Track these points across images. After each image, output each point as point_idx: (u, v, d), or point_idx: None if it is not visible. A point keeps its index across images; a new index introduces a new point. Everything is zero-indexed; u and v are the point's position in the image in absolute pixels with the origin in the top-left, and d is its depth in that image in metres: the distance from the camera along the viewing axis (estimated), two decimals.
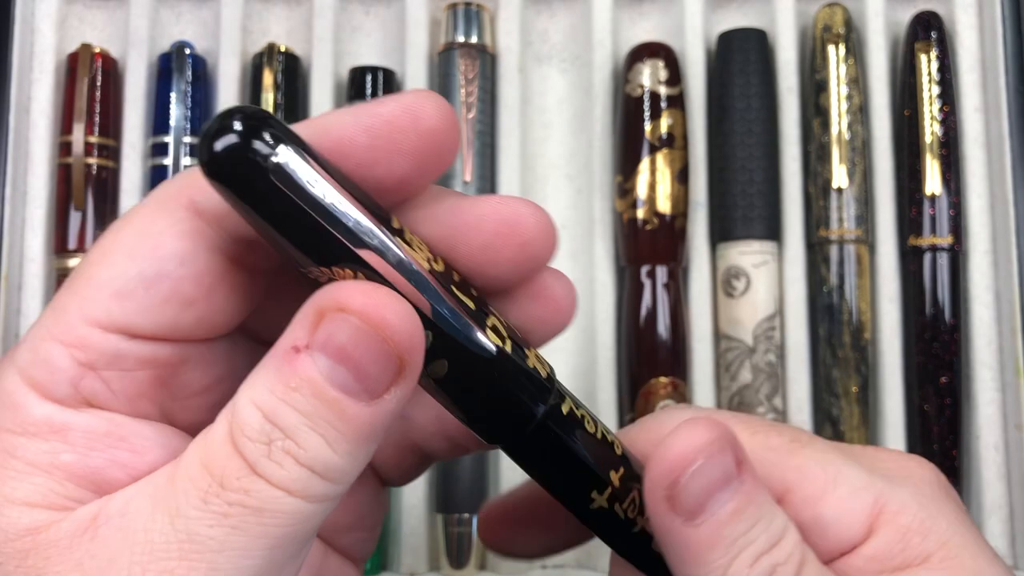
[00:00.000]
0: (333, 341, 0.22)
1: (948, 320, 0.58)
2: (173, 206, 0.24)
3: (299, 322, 0.23)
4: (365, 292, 0.22)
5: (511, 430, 0.25)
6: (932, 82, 0.58)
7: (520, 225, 0.25)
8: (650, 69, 0.58)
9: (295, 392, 0.22)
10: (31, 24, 0.61)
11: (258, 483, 0.22)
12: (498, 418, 0.25)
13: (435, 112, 0.24)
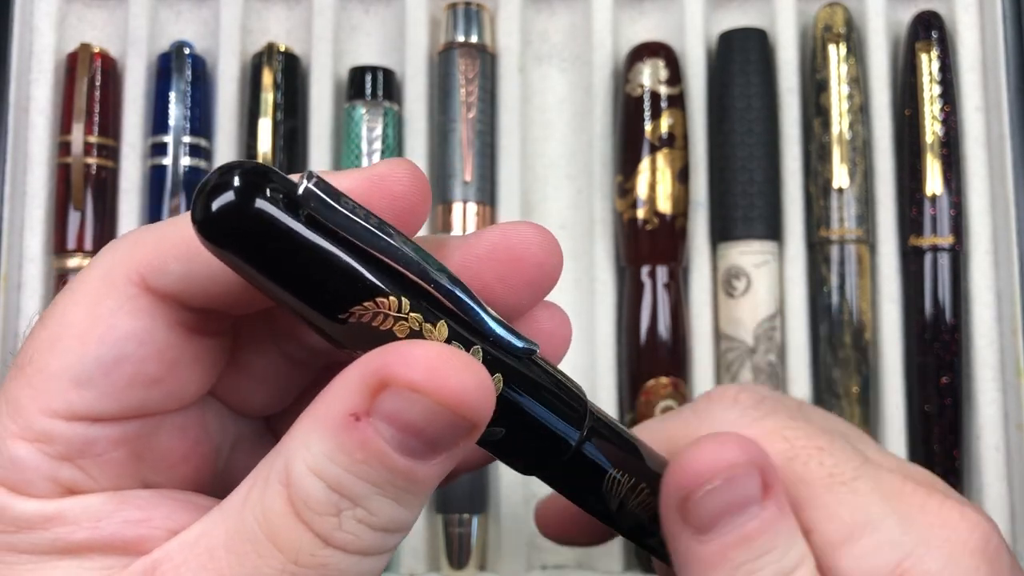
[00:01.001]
0: (400, 416, 0.21)
1: (949, 320, 0.58)
2: (122, 282, 0.23)
3: (354, 387, 0.21)
4: (428, 360, 0.21)
5: (547, 462, 0.25)
6: (933, 82, 0.58)
7: (531, 247, 0.25)
8: (650, 69, 0.58)
9: (362, 464, 0.21)
10: (30, 23, 0.60)
11: (335, 555, 0.22)
12: (536, 455, 0.25)
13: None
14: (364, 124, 0.58)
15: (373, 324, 0.22)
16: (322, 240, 0.21)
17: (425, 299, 0.22)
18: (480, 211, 0.58)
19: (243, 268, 0.21)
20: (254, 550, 0.22)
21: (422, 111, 0.60)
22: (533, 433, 0.24)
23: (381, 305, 0.22)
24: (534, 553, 0.58)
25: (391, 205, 0.24)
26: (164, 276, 0.23)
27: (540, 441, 0.24)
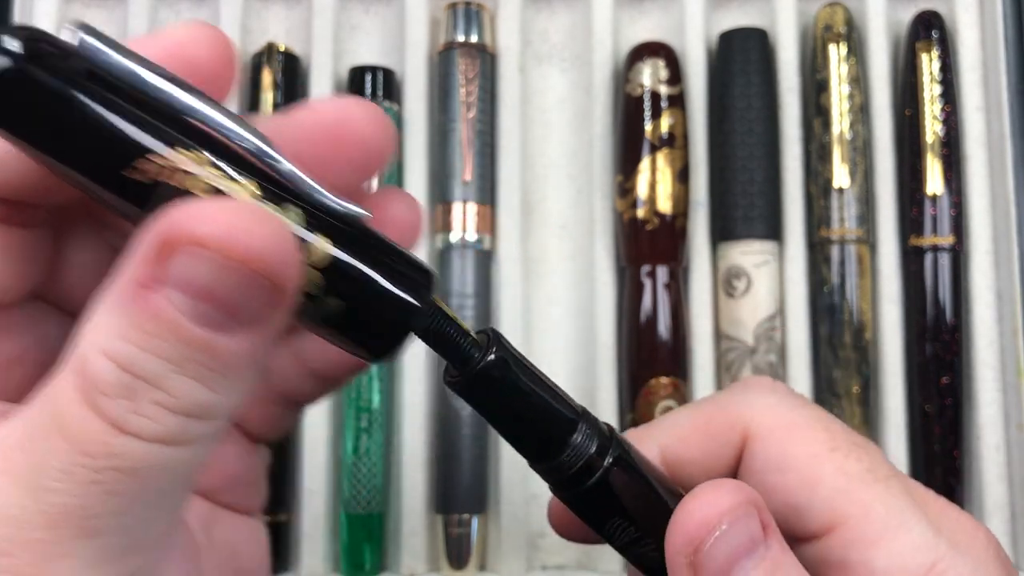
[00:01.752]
0: (191, 280, 0.19)
1: (949, 320, 0.57)
2: None
3: (141, 255, 0.19)
4: (218, 215, 0.19)
5: (574, 483, 0.26)
6: (933, 81, 0.58)
7: (355, 123, 0.24)
8: (650, 68, 0.58)
9: (155, 338, 0.19)
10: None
11: (128, 442, 0.19)
12: (389, 331, 0.23)
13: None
14: None
15: (165, 183, 0.20)
16: (99, 95, 0.19)
17: (228, 157, 0.20)
18: (480, 211, 0.58)
19: (20, 142, 0.19)
20: (44, 444, 0.20)
21: (422, 111, 0.60)
22: (379, 303, 0.22)
23: (170, 159, 0.20)
24: (534, 553, 0.58)
25: (191, 74, 0.22)
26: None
27: (388, 313, 0.22)
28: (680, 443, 0.29)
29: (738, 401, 0.29)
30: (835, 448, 0.28)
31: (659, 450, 0.30)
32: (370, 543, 0.56)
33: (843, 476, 0.27)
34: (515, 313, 0.58)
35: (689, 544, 0.25)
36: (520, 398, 0.25)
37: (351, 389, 0.57)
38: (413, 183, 0.59)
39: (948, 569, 0.26)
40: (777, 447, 0.28)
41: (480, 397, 0.25)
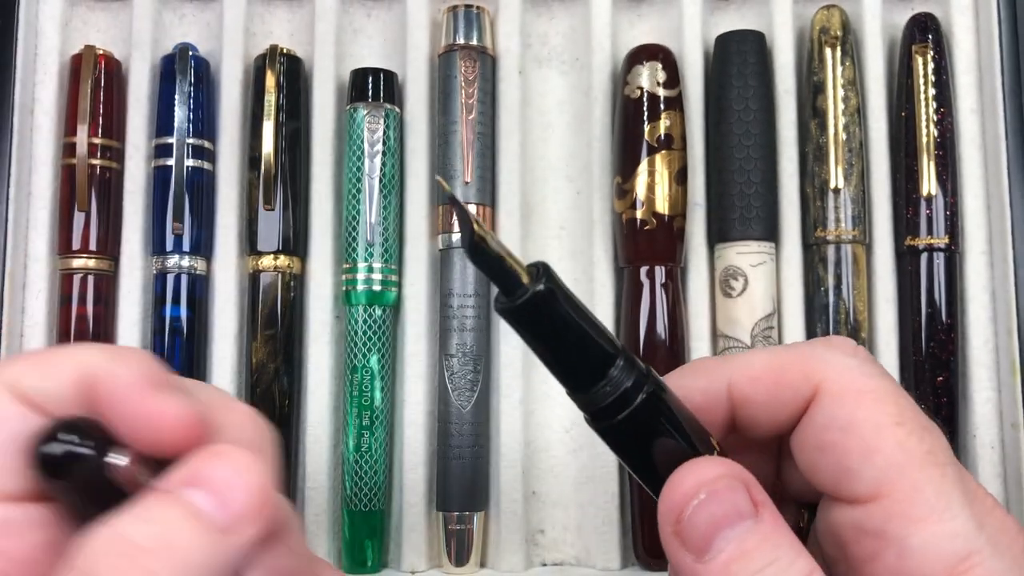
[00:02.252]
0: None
1: (945, 320, 0.58)
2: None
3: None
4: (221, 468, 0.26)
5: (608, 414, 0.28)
6: (928, 84, 0.59)
7: None
8: (648, 71, 0.59)
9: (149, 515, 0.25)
10: (35, 26, 0.61)
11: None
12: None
13: None
14: (365, 126, 0.59)
15: None
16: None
17: None
18: (480, 212, 0.59)
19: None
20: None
21: (423, 113, 0.60)
22: None
23: None
24: (534, 550, 0.59)
25: None
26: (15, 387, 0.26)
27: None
28: (750, 382, 0.30)
29: (817, 356, 0.29)
30: (900, 423, 0.28)
31: (727, 383, 0.30)
32: (372, 540, 0.56)
33: (901, 451, 0.27)
34: None
35: (672, 512, 0.26)
36: (564, 328, 0.27)
37: (353, 387, 0.57)
38: (414, 184, 0.60)
39: (981, 563, 0.26)
40: (845, 409, 0.28)
41: (526, 324, 0.27)
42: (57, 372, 0.27)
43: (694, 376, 0.30)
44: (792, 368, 0.29)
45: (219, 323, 0.58)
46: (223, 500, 0.25)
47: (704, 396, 0.30)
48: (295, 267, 0.59)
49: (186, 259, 0.58)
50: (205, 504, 0.24)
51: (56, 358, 0.27)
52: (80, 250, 0.58)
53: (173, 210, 0.58)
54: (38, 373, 0.27)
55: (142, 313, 0.59)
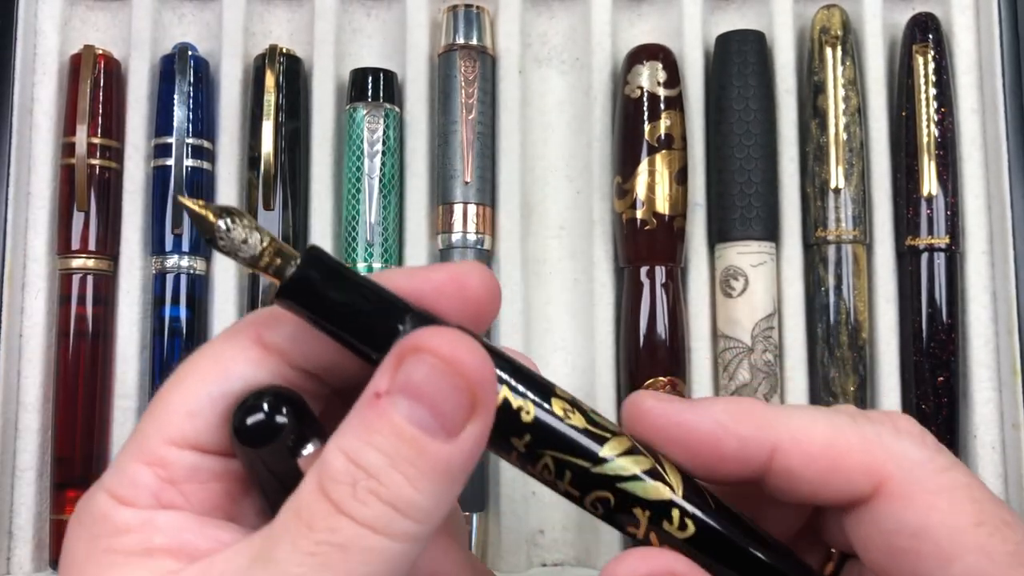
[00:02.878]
0: (410, 380, 0.24)
1: (945, 320, 0.58)
2: (242, 337, 0.27)
3: (380, 370, 0.24)
4: (439, 333, 0.24)
5: None
6: (929, 83, 0.59)
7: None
8: (649, 71, 0.59)
9: (377, 434, 0.24)
10: (34, 26, 0.61)
11: (343, 521, 0.23)
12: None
13: (479, 282, 0.28)
14: (365, 126, 0.59)
15: None
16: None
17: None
18: (480, 212, 0.59)
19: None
20: (280, 525, 0.24)
21: (423, 113, 0.60)
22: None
23: None
24: (534, 550, 0.59)
25: (461, 296, 0.27)
26: (275, 333, 0.27)
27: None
28: (802, 457, 0.27)
29: (883, 445, 0.27)
30: (980, 523, 0.26)
31: (775, 445, 0.27)
32: None
33: (985, 557, 0.25)
34: (515, 313, 0.58)
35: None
36: (336, 307, 0.27)
37: None
38: (414, 184, 0.60)
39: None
40: (917, 513, 0.26)
41: (301, 310, 0.27)
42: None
43: (736, 418, 0.28)
44: (853, 456, 0.27)
45: (219, 323, 0.58)
46: (435, 405, 0.24)
47: (740, 446, 0.27)
48: None
49: (185, 259, 0.58)
50: (421, 416, 0.24)
51: None
52: (79, 250, 0.58)
53: (172, 210, 0.58)
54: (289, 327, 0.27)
55: (141, 313, 0.59)
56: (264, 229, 0.27)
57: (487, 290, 0.28)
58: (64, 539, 0.27)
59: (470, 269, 0.28)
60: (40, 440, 0.57)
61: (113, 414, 0.58)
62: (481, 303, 0.28)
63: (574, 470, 0.27)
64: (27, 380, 0.57)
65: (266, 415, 0.26)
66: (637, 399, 0.29)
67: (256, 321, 0.28)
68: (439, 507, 0.24)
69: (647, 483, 0.27)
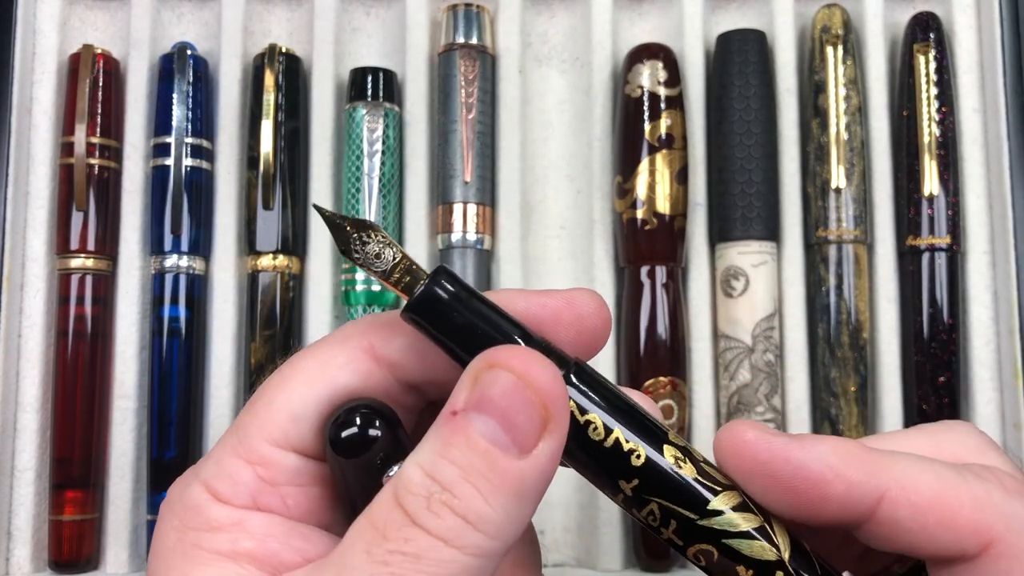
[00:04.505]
0: (484, 396, 0.24)
1: (946, 320, 0.58)
2: (354, 345, 0.28)
3: (458, 388, 0.25)
4: (514, 351, 0.25)
5: None
6: (930, 83, 0.59)
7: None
8: (649, 70, 0.59)
9: (452, 448, 0.24)
10: (33, 25, 0.61)
11: (416, 532, 0.24)
12: None
13: (593, 310, 0.28)
14: (365, 125, 0.59)
15: None
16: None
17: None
18: (480, 212, 0.59)
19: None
20: (355, 535, 0.25)
21: (423, 112, 0.60)
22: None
23: None
24: None
25: (576, 323, 0.28)
26: (389, 345, 0.28)
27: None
28: (910, 509, 0.26)
29: (993, 504, 0.26)
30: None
31: (883, 493, 0.26)
32: None
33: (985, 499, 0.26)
34: None
35: None
36: (461, 326, 0.27)
37: None
38: (414, 184, 0.59)
39: None
40: None
41: (425, 326, 0.27)
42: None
43: (845, 462, 0.27)
44: (963, 513, 0.26)
45: (218, 323, 0.58)
46: (508, 420, 0.24)
47: (847, 491, 0.26)
48: (294, 267, 0.59)
49: (184, 259, 0.58)
50: (495, 431, 0.24)
51: None
52: (78, 250, 0.58)
53: (171, 210, 0.58)
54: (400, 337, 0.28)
55: (140, 313, 0.58)
56: (398, 245, 0.28)
57: (601, 318, 0.28)
58: (157, 520, 0.28)
59: (584, 297, 0.28)
60: (39, 440, 0.57)
61: (112, 414, 0.58)
62: (596, 331, 0.28)
63: (680, 520, 0.27)
64: (26, 380, 0.57)
65: (360, 428, 0.27)
66: (738, 429, 0.27)
67: (369, 331, 0.28)
68: (511, 523, 0.24)
69: (755, 542, 0.27)
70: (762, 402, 0.57)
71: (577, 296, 0.28)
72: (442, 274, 0.27)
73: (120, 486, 0.57)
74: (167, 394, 0.57)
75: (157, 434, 0.57)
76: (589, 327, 0.28)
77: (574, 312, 0.28)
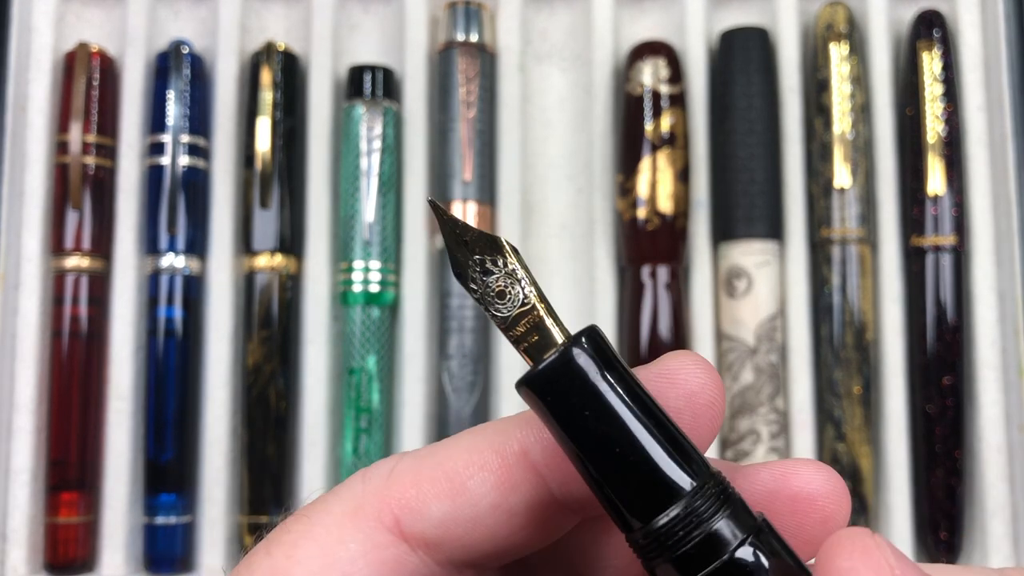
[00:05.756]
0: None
1: (951, 320, 0.57)
2: (371, 522, 0.20)
3: None
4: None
5: None
6: (935, 80, 0.58)
7: (816, 498, 0.21)
8: (651, 68, 0.58)
9: None
10: (28, 23, 0.60)
11: None
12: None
13: (705, 381, 0.22)
14: (363, 123, 0.58)
15: None
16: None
17: None
18: (480, 210, 0.58)
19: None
20: None
21: (422, 110, 0.60)
22: None
23: None
24: None
25: (689, 407, 0.21)
26: (423, 519, 0.20)
27: None
28: None
29: None
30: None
31: None
32: None
33: None
34: None
35: None
36: (607, 411, 0.20)
37: (351, 389, 0.57)
38: (413, 183, 0.59)
39: None
40: None
41: (554, 401, 0.20)
42: None
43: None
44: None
45: (214, 324, 0.58)
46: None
47: None
48: (291, 267, 0.58)
49: (180, 259, 0.58)
50: None
51: None
52: (73, 249, 0.57)
53: (167, 209, 0.57)
54: None
55: (136, 313, 0.58)
56: (536, 286, 0.21)
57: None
58: None
59: (689, 368, 0.22)
60: (34, 442, 0.57)
61: (108, 416, 0.57)
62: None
63: None
64: (21, 381, 0.57)
65: None
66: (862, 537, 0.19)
67: (391, 495, 0.20)
68: None
69: None
70: (765, 403, 0.57)
71: (675, 367, 0.21)
72: (588, 342, 0.20)
73: (116, 488, 0.56)
74: (163, 395, 0.57)
75: (153, 436, 0.57)
76: (703, 405, 0.21)
77: (679, 392, 0.21)
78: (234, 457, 0.58)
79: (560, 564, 0.23)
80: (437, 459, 0.21)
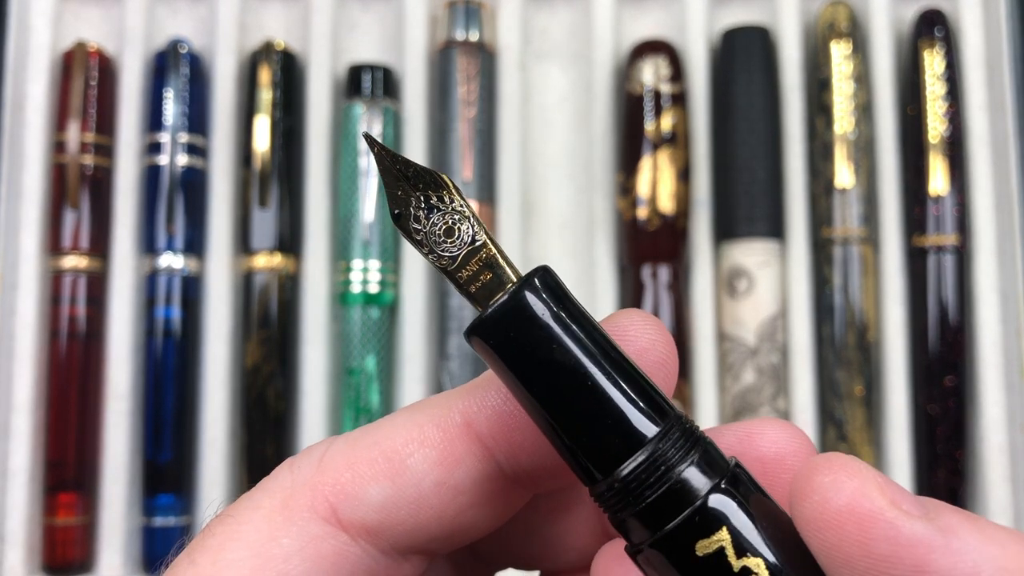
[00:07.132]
0: None
1: (953, 320, 0.57)
2: (304, 514, 0.19)
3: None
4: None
5: None
6: (937, 80, 0.58)
7: (784, 456, 0.20)
8: (652, 66, 0.58)
9: None
10: (26, 21, 0.60)
11: None
12: None
13: (656, 338, 0.20)
14: (363, 122, 0.58)
15: None
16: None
17: None
18: (480, 210, 0.58)
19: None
20: None
21: (421, 109, 0.60)
22: None
23: None
24: None
25: (638, 358, 0.20)
26: (362, 504, 0.19)
27: None
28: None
29: None
30: None
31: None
32: None
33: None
34: None
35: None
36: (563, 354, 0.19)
37: (350, 390, 0.56)
38: None
39: None
40: None
41: (504, 348, 0.19)
42: None
43: None
44: None
45: (212, 324, 0.57)
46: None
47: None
48: (290, 266, 0.58)
49: (179, 258, 0.57)
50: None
51: None
52: (71, 249, 0.57)
53: (166, 208, 0.57)
54: None
55: (134, 314, 0.58)
56: (483, 225, 0.19)
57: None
58: None
59: (638, 325, 0.21)
60: (32, 443, 0.56)
61: (106, 416, 0.57)
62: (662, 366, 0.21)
63: None
64: (18, 382, 0.57)
65: None
66: (853, 494, 0.18)
67: (324, 484, 0.19)
68: None
69: None
70: (766, 404, 0.56)
71: (625, 323, 0.20)
72: (544, 276, 0.19)
73: (114, 489, 0.56)
74: (161, 396, 0.56)
75: (152, 436, 0.56)
76: (653, 362, 0.20)
77: (629, 348, 0.20)
78: (233, 458, 0.57)
79: (513, 550, 0.22)
80: (373, 439, 0.19)
